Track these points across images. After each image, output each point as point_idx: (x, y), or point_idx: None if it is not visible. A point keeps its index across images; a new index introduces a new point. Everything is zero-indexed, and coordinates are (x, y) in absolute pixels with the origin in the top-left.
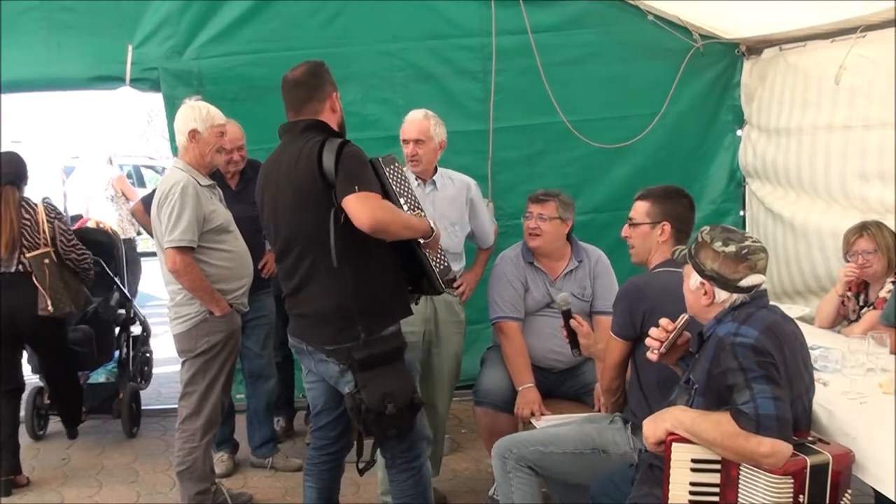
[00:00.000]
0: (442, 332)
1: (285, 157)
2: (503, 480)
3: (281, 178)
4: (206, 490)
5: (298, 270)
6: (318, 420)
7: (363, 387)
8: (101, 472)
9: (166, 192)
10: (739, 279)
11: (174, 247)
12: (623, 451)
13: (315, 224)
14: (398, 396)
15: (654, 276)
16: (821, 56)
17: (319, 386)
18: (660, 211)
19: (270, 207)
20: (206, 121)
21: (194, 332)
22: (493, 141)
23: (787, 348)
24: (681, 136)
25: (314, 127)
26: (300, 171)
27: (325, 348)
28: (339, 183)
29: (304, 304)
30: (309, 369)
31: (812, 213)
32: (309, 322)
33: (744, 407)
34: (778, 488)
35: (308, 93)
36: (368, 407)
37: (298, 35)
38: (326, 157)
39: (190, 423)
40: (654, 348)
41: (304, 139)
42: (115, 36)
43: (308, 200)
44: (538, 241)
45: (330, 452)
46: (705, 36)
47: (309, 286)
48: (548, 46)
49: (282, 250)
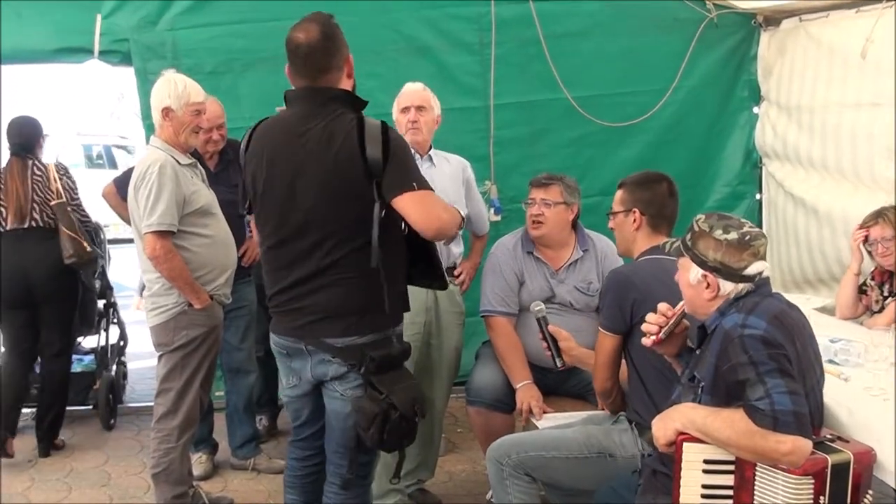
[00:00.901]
0: (443, 322)
1: (308, 131)
2: (499, 487)
3: (303, 153)
4: (184, 493)
5: (310, 260)
6: (299, 431)
7: (391, 391)
8: (71, 474)
9: (143, 172)
10: (745, 267)
11: (153, 231)
12: (631, 455)
13: (347, 214)
14: (422, 403)
15: (638, 264)
16: (845, 27)
17: (305, 398)
18: (630, 198)
19: (277, 184)
20: (182, 97)
21: (172, 324)
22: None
23: (797, 338)
24: (693, 113)
25: (340, 99)
26: (335, 152)
27: (335, 346)
28: (392, 176)
29: (311, 297)
30: (298, 376)
31: (837, 197)
32: (315, 318)
33: (758, 403)
34: (798, 489)
35: (326, 60)
36: (402, 413)
37: (282, 4)
38: (371, 142)
39: (166, 422)
40: (652, 333)
41: (332, 113)
42: (83, 4)
43: (343, 187)
44: (542, 229)
45: (314, 464)
46: (720, 6)
47: (322, 279)
48: (551, 16)
49: (286, 235)
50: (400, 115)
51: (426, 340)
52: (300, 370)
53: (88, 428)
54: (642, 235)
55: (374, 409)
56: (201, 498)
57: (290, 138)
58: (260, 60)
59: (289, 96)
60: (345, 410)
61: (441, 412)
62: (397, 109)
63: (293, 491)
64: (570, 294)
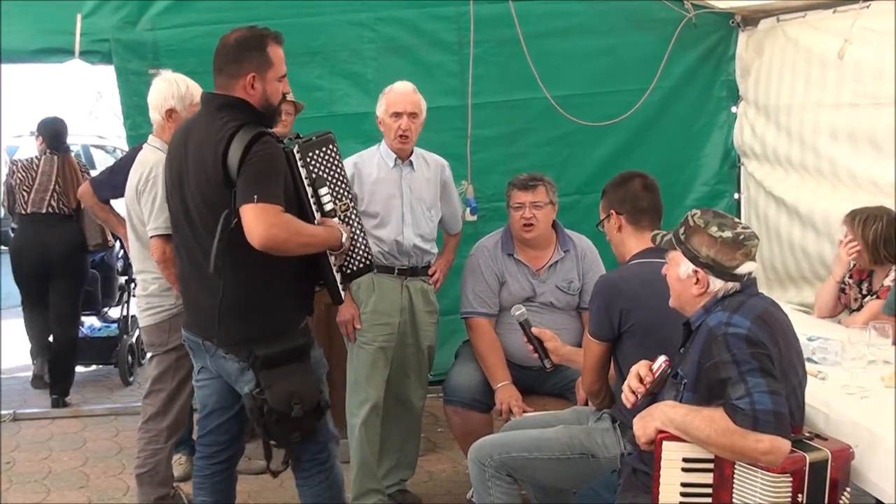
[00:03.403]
0: (418, 321)
1: (195, 133)
2: (482, 488)
3: (189, 154)
4: (167, 495)
5: (200, 259)
6: (207, 422)
7: (267, 387)
8: (49, 476)
9: (145, 176)
10: (736, 266)
11: (161, 235)
12: (613, 455)
13: (217, 218)
14: (306, 397)
15: (627, 269)
16: (822, 28)
17: (213, 384)
18: (607, 202)
19: (174, 180)
20: (185, 98)
21: (167, 325)
22: (472, 118)
23: (780, 338)
24: (672, 113)
25: (232, 106)
26: (205, 156)
27: (227, 343)
28: (240, 187)
29: (202, 294)
30: (203, 366)
31: (818, 197)
32: (205, 315)
33: (739, 402)
34: (776, 487)
35: (223, 63)
36: (272, 408)
37: (262, 4)
38: (233, 150)
39: (155, 424)
40: (630, 401)
41: (219, 119)
42: (63, 4)
43: (208, 191)
44: (534, 231)
45: (221, 461)
46: (697, 5)
47: (212, 278)
48: (530, 16)
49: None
50: (390, 118)
51: (402, 340)
52: (203, 361)
53: (66, 430)
54: (627, 236)
55: (249, 405)
56: (181, 499)
57: (182, 139)
58: None
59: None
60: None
61: (419, 411)
62: (387, 112)
63: (203, 492)
64: (552, 294)
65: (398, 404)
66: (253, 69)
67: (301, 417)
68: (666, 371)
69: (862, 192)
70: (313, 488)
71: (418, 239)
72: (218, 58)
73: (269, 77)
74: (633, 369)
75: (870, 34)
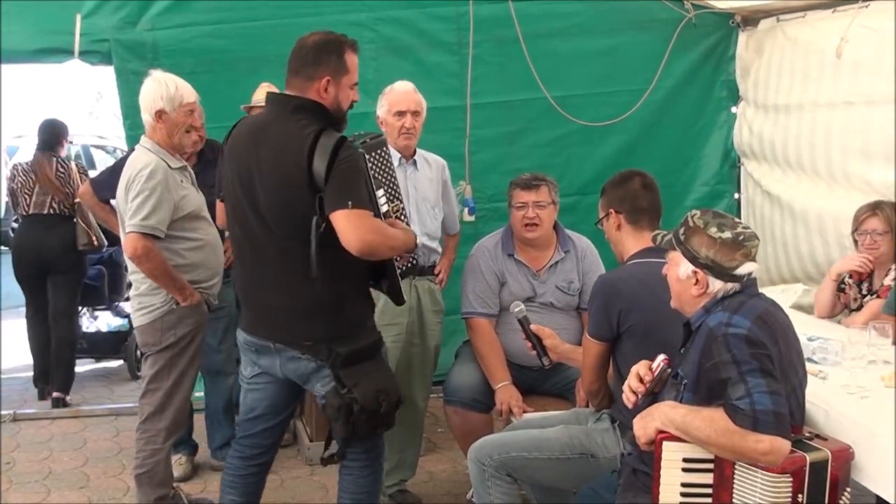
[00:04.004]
0: (425, 321)
1: (272, 134)
2: (481, 488)
3: (265, 154)
4: (166, 496)
5: (272, 259)
6: (252, 425)
7: (354, 385)
8: (49, 476)
9: (133, 176)
10: (736, 267)
11: (136, 232)
12: (612, 455)
13: (295, 220)
14: (391, 393)
15: (626, 269)
16: (821, 27)
17: (268, 388)
18: (606, 201)
19: (241, 180)
20: (175, 99)
21: (159, 324)
22: (471, 118)
23: (780, 339)
24: (672, 113)
25: (307, 108)
26: (285, 160)
27: (303, 344)
28: (331, 193)
29: (273, 295)
30: (260, 370)
31: (813, 196)
32: (279, 316)
33: (739, 402)
34: (776, 487)
35: (300, 65)
36: (363, 406)
37: (262, 4)
38: (319, 158)
39: (153, 423)
40: (631, 402)
41: (296, 122)
42: (62, 4)
43: (292, 195)
44: (538, 231)
45: (260, 463)
46: (698, 5)
47: (283, 277)
48: (529, 16)
49: (250, 233)
50: (392, 117)
51: (409, 340)
52: (268, 367)
53: (67, 430)
54: (626, 235)
55: (336, 404)
56: (181, 499)
57: (255, 135)
58: (239, 61)
59: (268, 97)
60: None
61: (422, 411)
62: (389, 111)
63: (234, 491)
64: (552, 294)
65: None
66: (329, 73)
67: (386, 412)
68: (665, 370)
69: (856, 191)
70: (358, 479)
71: (425, 237)
72: (294, 59)
73: (343, 83)
74: (633, 369)
75: (867, 33)
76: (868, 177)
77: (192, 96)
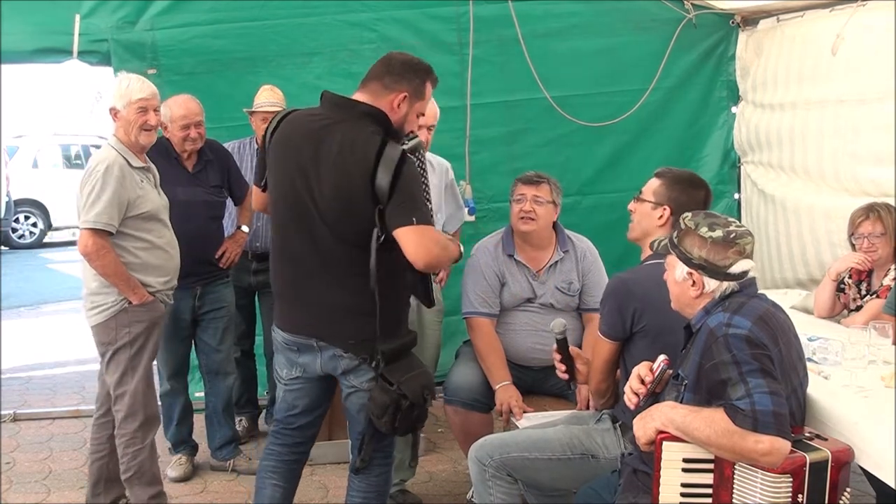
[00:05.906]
0: (425, 321)
1: (338, 137)
2: (482, 488)
3: (325, 154)
4: (160, 493)
5: (318, 257)
6: (294, 420)
7: (401, 382)
8: (49, 476)
9: (90, 169)
10: (729, 265)
11: (88, 228)
12: (613, 456)
13: (352, 225)
14: (432, 388)
15: (640, 270)
16: (820, 26)
17: (307, 387)
18: (666, 194)
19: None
20: (125, 97)
21: (113, 322)
22: (471, 118)
23: (781, 339)
24: (672, 113)
25: (376, 117)
26: (350, 167)
27: (348, 343)
28: (395, 207)
29: (324, 293)
30: (303, 368)
31: (805, 194)
32: (328, 314)
33: (739, 403)
34: (776, 488)
35: (384, 72)
36: (413, 402)
37: (262, 4)
38: (382, 172)
39: (128, 425)
40: (633, 403)
41: (363, 128)
42: (61, 4)
43: (351, 200)
44: (532, 224)
45: (302, 451)
46: (698, 6)
47: (335, 276)
48: (529, 16)
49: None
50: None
51: None
52: (308, 364)
53: (66, 430)
54: (662, 232)
55: (386, 400)
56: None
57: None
58: (239, 60)
59: (332, 98)
60: (360, 401)
61: None
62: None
63: (276, 476)
64: (551, 295)
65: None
66: (409, 90)
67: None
68: (665, 370)
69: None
70: (371, 479)
71: None
72: (380, 65)
73: (415, 106)
74: (634, 371)
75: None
76: (857, 175)
77: (142, 92)
